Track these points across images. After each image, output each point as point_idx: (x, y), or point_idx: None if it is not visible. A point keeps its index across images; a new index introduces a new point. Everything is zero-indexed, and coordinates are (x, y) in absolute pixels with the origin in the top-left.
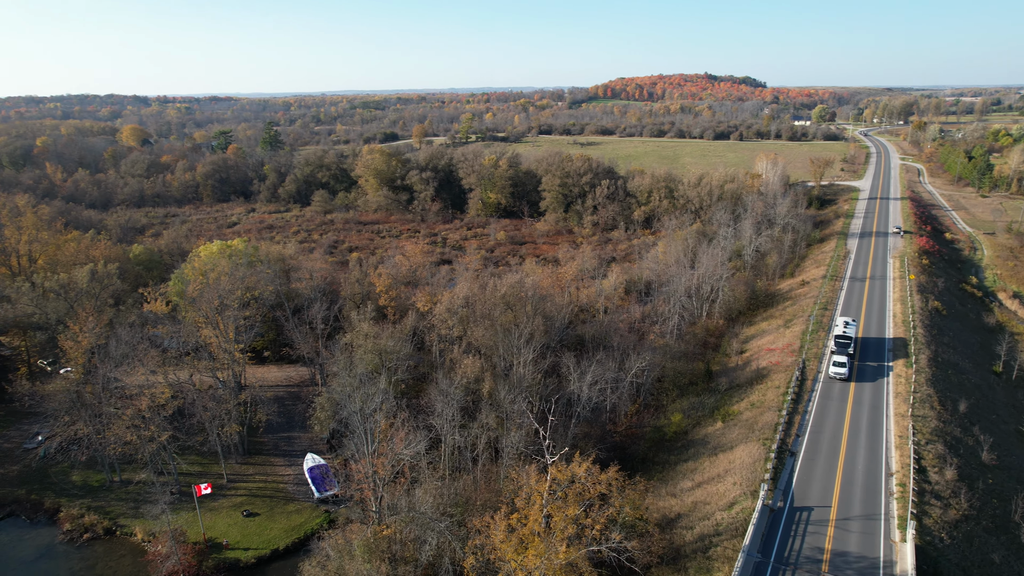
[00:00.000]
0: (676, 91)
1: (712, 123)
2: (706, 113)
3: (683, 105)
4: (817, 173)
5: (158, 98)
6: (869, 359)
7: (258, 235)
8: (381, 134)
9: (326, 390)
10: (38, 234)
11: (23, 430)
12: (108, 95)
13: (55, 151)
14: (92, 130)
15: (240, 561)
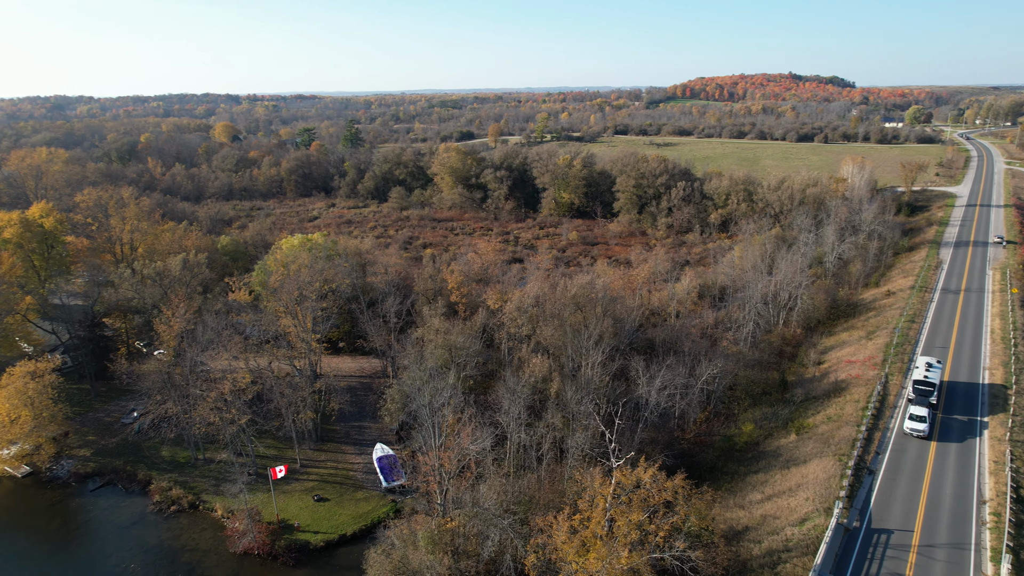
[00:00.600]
0: (758, 91)
1: (795, 124)
2: (789, 114)
3: (765, 106)
4: (908, 178)
5: (248, 96)
6: (957, 402)
7: (337, 229)
8: (457, 133)
9: (397, 382)
10: (139, 224)
11: (121, 406)
12: (204, 94)
13: (156, 147)
14: (189, 127)
15: (310, 544)
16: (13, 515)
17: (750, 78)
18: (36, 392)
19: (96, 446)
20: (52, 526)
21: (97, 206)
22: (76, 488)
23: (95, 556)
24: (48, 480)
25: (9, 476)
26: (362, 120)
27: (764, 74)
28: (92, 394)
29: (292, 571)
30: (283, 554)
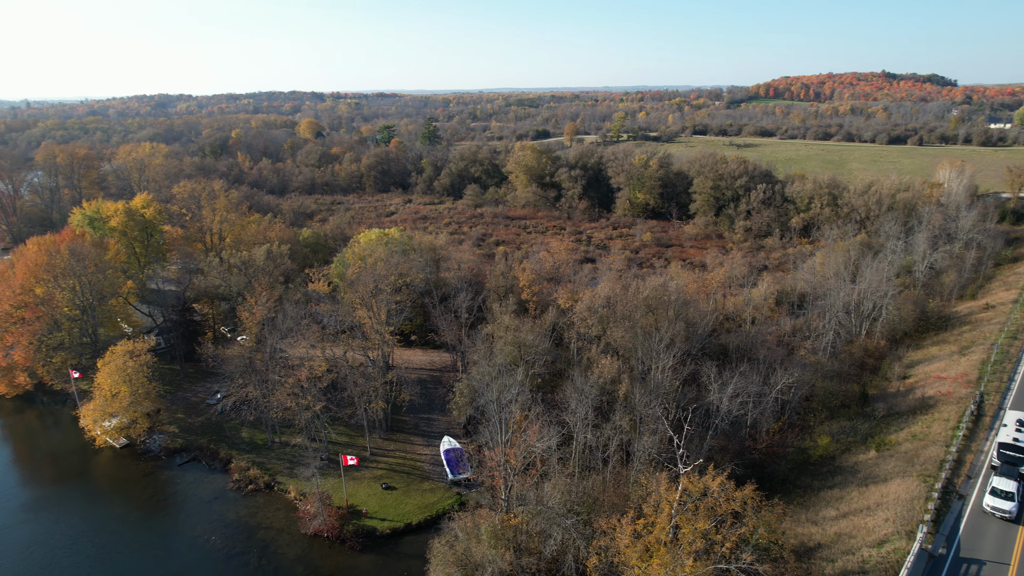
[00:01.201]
0: (847, 91)
1: (887, 126)
2: (880, 115)
3: (854, 106)
4: (1015, 183)
5: (332, 94)
6: None
7: (413, 225)
8: (533, 131)
9: (466, 377)
10: (228, 215)
11: (207, 387)
12: (291, 91)
13: (245, 142)
14: (276, 123)
15: (376, 530)
16: (113, 482)
17: (838, 77)
18: (134, 370)
19: (183, 424)
20: (145, 495)
21: (191, 198)
22: (166, 461)
23: (181, 526)
24: (142, 452)
25: (110, 446)
26: (440, 118)
27: (854, 73)
28: (181, 375)
29: (359, 556)
30: (351, 538)
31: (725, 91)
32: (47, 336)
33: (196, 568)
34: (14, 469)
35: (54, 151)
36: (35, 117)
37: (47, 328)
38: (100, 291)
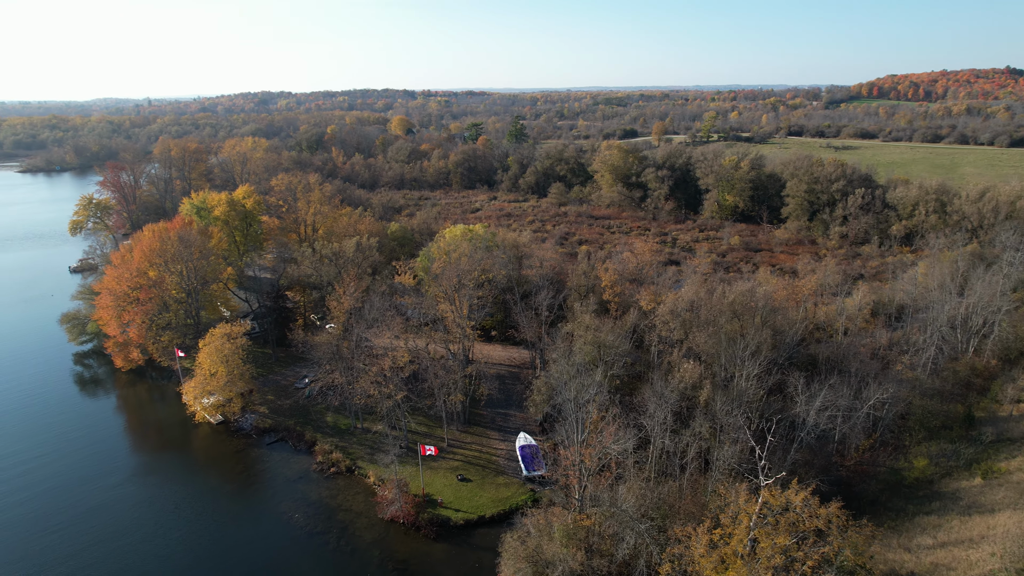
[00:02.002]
0: (963, 89)
1: (1008, 127)
2: (1002, 115)
3: (970, 106)
4: None
5: (423, 92)
6: None
7: (497, 222)
8: (620, 130)
9: (544, 375)
10: (321, 208)
11: (296, 371)
12: (384, 89)
13: (340, 138)
14: (369, 120)
15: (450, 520)
16: (209, 455)
17: (953, 75)
18: (230, 352)
19: (273, 405)
20: (237, 470)
21: (288, 190)
22: (256, 440)
23: (268, 502)
24: (235, 430)
25: (207, 422)
26: (527, 116)
27: (972, 70)
28: (273, 358)
29: (432, 544)
30: (425, 526)
31: (824, 91)
32: (157, 316)
33: (280, 542)
34: (126, 436)
35: (169, 145)
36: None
37: (157, 308)
38: (204, 276)
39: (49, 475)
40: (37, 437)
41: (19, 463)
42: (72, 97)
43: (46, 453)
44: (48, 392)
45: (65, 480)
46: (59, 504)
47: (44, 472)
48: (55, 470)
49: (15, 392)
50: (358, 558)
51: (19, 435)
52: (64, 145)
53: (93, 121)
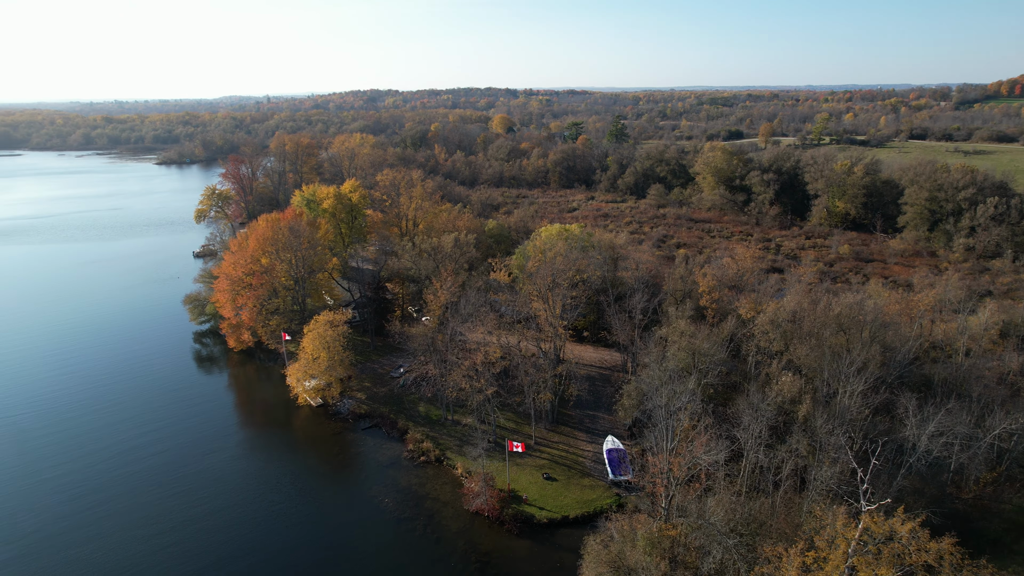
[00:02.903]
0: None
1: None
2: None
3: None
4: None
5: (524, 91)
6: None
7: (594, 222)
8: (725, 131)
9: (635, 379)
10: (422, 203)
11: (392, 361)
12: (486, 88)
13: (442, 135)
14: (471, 118)
15: (534, 518)
16: (308, 436)
17: None
18: (332, 338)
19: (369, 392)
20: (333, 451)
21: (392, 185)
22: (352, 424)
23: (361, 484)
24: (333, 413)
25: (308, 404)
26: (628, 116)
27: None
28: (371, 347)
29: (515, 539)
30: (509, 521)
31: (954, 90)
32: (267, 301)
33: (370, 524)
34: (235, 412)
35: (284, 140)
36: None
37: (268, 294)
38: (311, 265)
39: (170, 440)
40: (161, 405)
41: (146, 425)
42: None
43: (168, 420)
44: (171, 365)
45: (184, 446)
46: (179, 468)
47: (166, 437)
48: (175, 436)
49: (144, 363)
50: (443, 546)
51: (146, 401)
52: (194, 139)
53: (219, 117)
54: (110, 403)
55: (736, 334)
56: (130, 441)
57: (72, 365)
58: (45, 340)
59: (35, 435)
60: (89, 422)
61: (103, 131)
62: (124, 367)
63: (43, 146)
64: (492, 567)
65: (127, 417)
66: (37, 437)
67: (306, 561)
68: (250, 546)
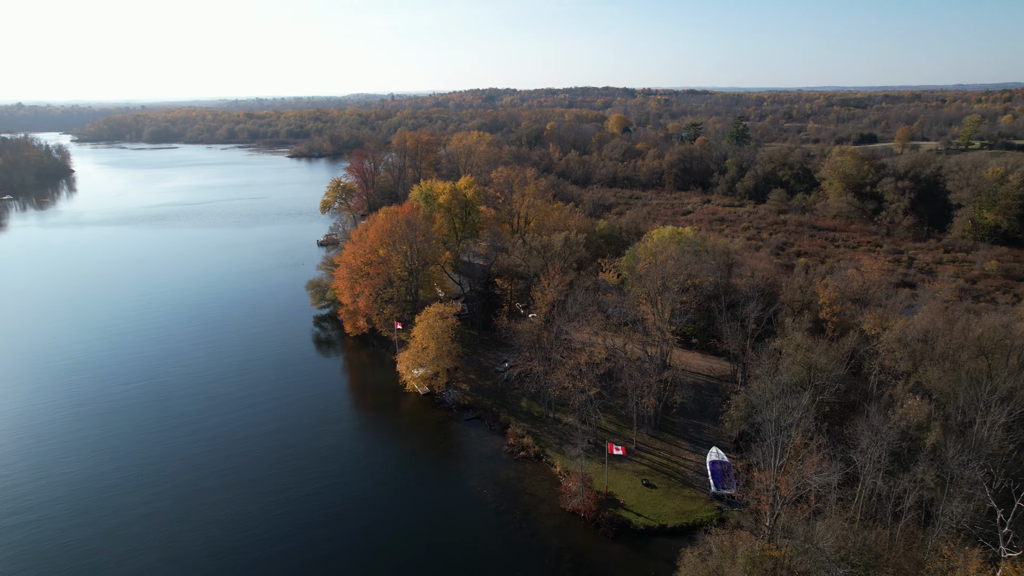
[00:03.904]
0: None
1: None
2: None
3: None
4: None
5: (643, 90)
6: None
7: (708, 226)
8: (856, 135)
9: (744, 390)
10: (535, 201)
11: (497, 355)
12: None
13: (558, 134)
14: (587, 117)
15: (630, 523)
16: (414, 422)
17: None
18: (441, 330)
19: (474, 384)
20: (437, 439)
21: (505, 183)
22: (455, 414)
23: (461, 474)
24: (438, 402)
25: (415, 392)
26: (751, 117)
27: None
28: (478, 340)
29: (610, 543)
30: (605, 524)
31: None
32: (382, 290)
33: (468, 513)
34: (348, 394)
35: (405, 136)
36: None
37: (383, 284)
38: (424, 257)
39: (288, 413)
40: (281, 380)
41: (268, 397)
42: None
43: (288, 394)
44: (292, 345)
45: (300, 420)
46: (295, 440)
47: (284, 409)
48: (292, 410)
49: (269, 341)
50: (537, 542)
51: (269, 376)
52: (323, 135)
53: (346, 114)
54: (238, 375)
55: (858, 351)
56: (254, 409)
57: (208, 338)
58: (188, 314)
59: (176, 397)
60: (219, 389)
61: (244, 126)
62: (251, 343)
63: (195, 139)
64: (585, 568)
65: (251, 388)
66: (177, 399)
67: (407, 539)
68: (357, 519)
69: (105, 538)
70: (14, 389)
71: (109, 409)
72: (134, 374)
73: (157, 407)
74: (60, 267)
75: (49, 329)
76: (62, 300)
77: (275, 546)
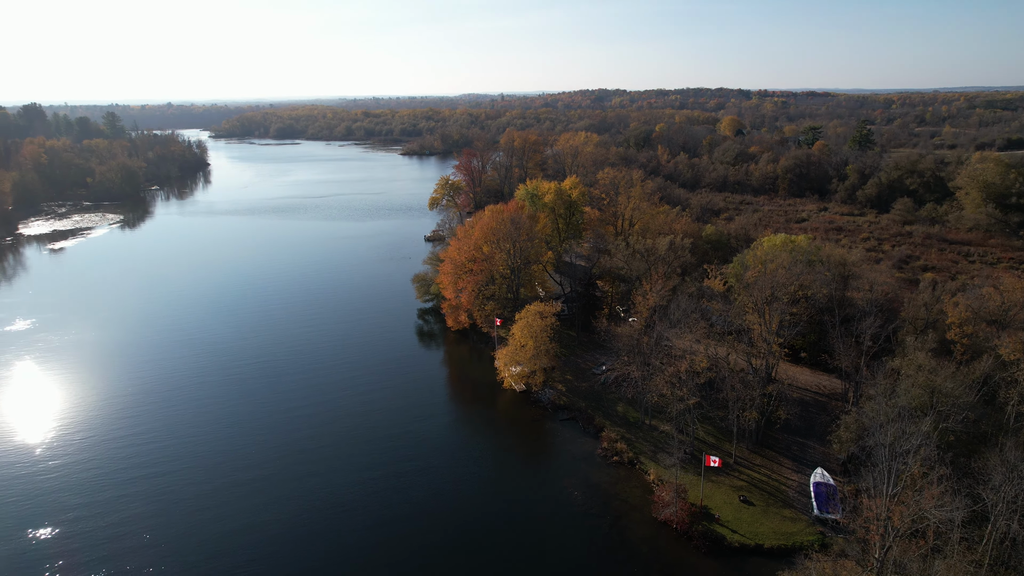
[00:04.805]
0: None
1: None
2: None
3: None
4: None
5: (759, 92)
6: None
7: (824, 235)
8: (1002, 140)
9: (856, 411)
10: (640, 204)
11: (595, 357)
12: (717, 89)
13: (667, 136)
14: (698, 119)
15: (724, 540)
16: (509, 418)
17: None
18: (540, 328)
19: (570, 385)
20: (531, 437)
21: (611, 184)
22: (550, 414)
23: (552, 473)
24: (534, 401)
25: (512, 389)
26: (877, 120)
27: None
28: (576, 341)
29: (702, 558)
30: (697, 538)
31: None
32: (484, 287)
33: (557, 513)
34: (446, 386)
35: (513, 136)
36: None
37: (485, 280)
38: (527, 256)
39: (389, 400)
40: (383, 367)
41: (370, 381)
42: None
43: (388, 382)
44: (396, 335)
45: (398, 407)
46: (393, 425)
47: (386, 395)
48: (394, 397)
49: (374, 330)
50: (626, 550)
51: (372, 362)
52: (434, 133)
53: (457, 114)
54: (343, 359)
55: (992, 377)
56: (356, 392)
57: (318, 323)
58: (302, 300)
59: (286, 376)
60: (324, 372)
61: (361, 124)
62: (358, 331)
63: (315, 136)
64: None
65: (355, 373)
66: (287, 377)
67: (494, 533)
68: (448, 506)
69: (215, 497)
70: (151, 360)
71: (229, 382)
72: (252, 352)
73: (269, 384)
74: (194, 252)
75: (182, 307)
76: (194, 282)
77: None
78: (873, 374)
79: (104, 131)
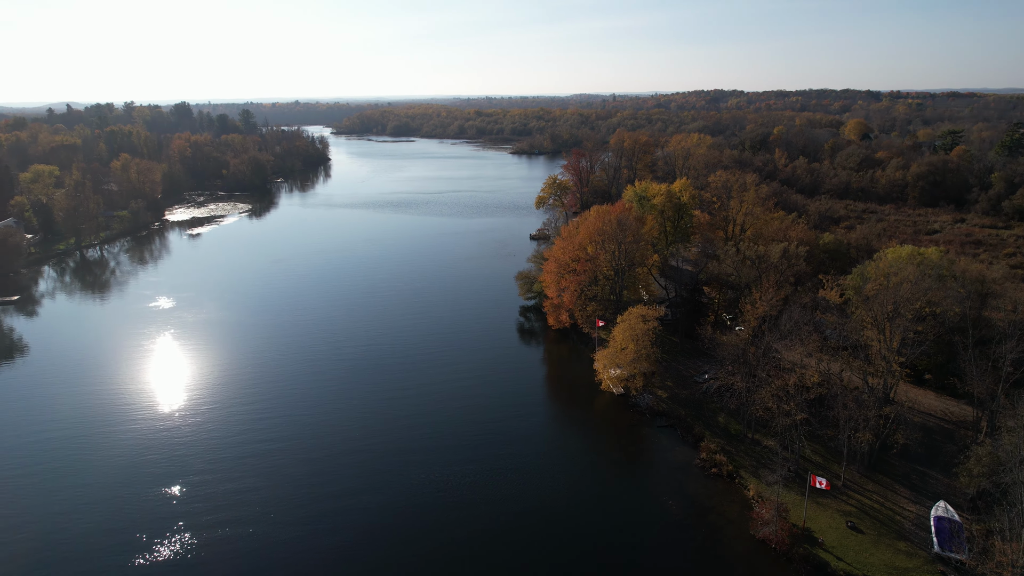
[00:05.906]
0: None
1: None
2: None
3: None
4: None
5: (890, 93)
6: None
7: (959, 249)
8: None
9: (990, 442)
10: (753, 209)
11: (697, 365)
12: (843, 90)
13: (785, 139)
14: (820, 122)
15: (828, 566)
16: (606, 421)
17: None
18: (642, 332)
19: (671, 392)
20: (627, 442)
21: (723, 187)
22: (648, 419)
23: (648, 480)
24: (632, 405)
25: (610, 391)
26: None
27: None
28: (679, 347)
29: None
30: (798, 561)
31: None
32: (587, 287)
33: (651, 521)
34: (544, 384)
35: (624, 137)
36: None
37: (588, 281)
38: (632, 258)
39: (488, 393)
40: (484, 362)
41: (470, 374)
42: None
43: (488, 376)
44: (497, 331)
45: (498, 403)
46: (489, 418)
47: (485, 389)
48: (492, 391)
49: (476, 325)
50: (721, 566)
51: (473, 357)
52: (544, 133)
53: (568, 114)
54: (446, 351)
55: None
56: (457, 383)
57: (424, 314)
58: (410, 291)
59: (389, 365)
60: (427, 361)
61: (473, 123)
62: (461, 324)
63: (429, 134)
64: None
65: (456, 364)
66: (391, 366)
67: (585, 536)
68: (539, 504)
69: (322, 473)
70: (272, 342)
71: (340, 365)
72: (362, 337)
73: (376, 368)
74: (312, 241)
75: (300, 292)
76: (312, 269)
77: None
78: (1013, 403)
79: (239, 127)
